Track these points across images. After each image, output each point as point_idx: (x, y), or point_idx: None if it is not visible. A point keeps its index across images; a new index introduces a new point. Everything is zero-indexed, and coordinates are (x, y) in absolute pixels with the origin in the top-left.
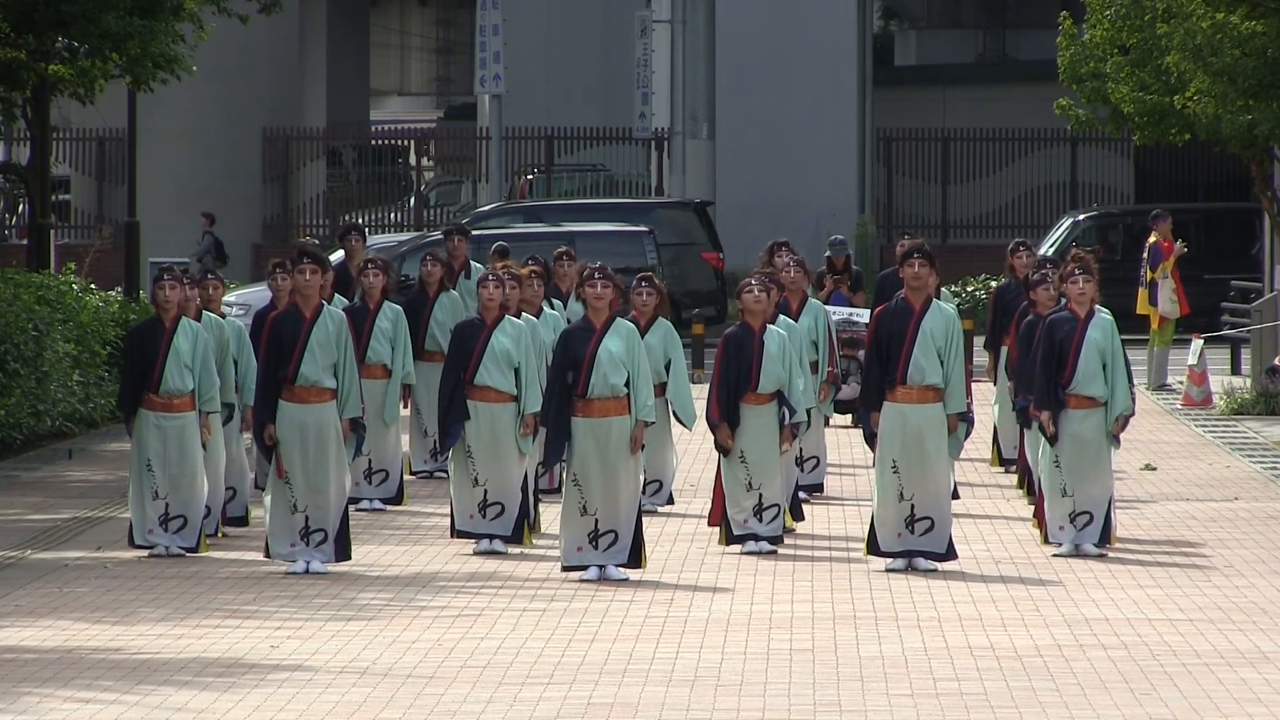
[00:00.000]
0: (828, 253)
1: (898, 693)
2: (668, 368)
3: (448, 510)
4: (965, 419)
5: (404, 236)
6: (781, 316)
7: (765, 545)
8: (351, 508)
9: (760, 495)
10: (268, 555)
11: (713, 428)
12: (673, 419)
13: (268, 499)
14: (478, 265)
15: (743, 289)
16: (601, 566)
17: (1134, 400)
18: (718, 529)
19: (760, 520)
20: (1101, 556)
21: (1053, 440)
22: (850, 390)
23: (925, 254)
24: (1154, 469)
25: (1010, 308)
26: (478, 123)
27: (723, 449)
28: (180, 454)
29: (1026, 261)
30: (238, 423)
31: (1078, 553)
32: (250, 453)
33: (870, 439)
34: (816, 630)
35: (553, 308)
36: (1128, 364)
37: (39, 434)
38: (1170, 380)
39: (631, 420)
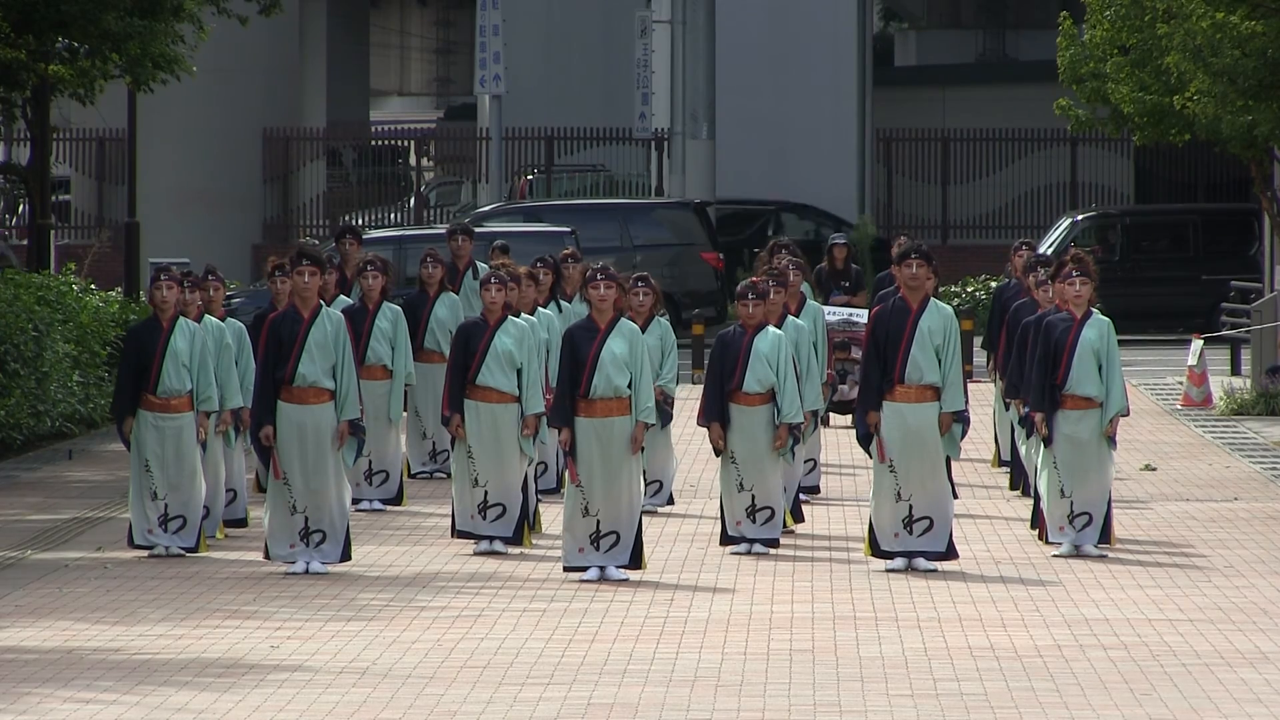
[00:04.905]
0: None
1: (898, 693)
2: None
3: (448, 511)
4: (961, 418)
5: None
6: (790, 317)
7: (759, 546)
8: (351, 508)
9: (752, 496)
10: (267, 557)
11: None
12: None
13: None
14: (483, 265)
15: (737, 295)
16: (602, 567)
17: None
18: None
19: (753, 522)
20: (1101, 557)
21: (1047, 441)
22: (849, 390)
23: (923, 254)
24: (1154, 469)
25: (1009, 307)
26: (478, 123)
27: (714, 449)
28: (178, 454)
29: (1025, 260)
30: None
31: (1078, 553)
32: (249, 454)
33: (864, 440)
34: (816, 630)
35: (560, 309)
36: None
37: (39, 434)
38: None
39: (632, 421)
